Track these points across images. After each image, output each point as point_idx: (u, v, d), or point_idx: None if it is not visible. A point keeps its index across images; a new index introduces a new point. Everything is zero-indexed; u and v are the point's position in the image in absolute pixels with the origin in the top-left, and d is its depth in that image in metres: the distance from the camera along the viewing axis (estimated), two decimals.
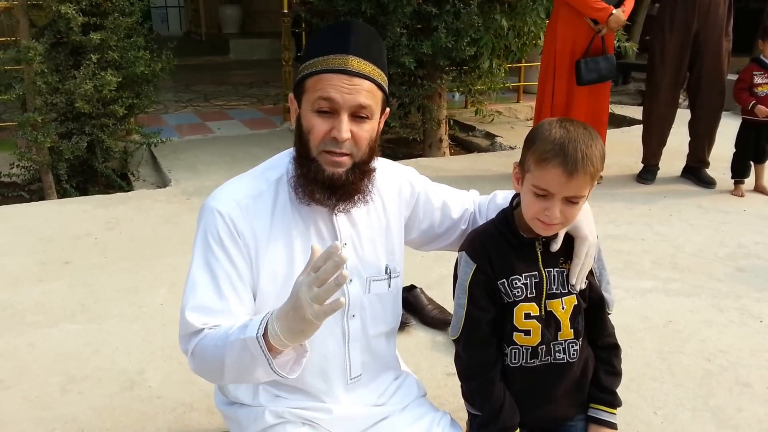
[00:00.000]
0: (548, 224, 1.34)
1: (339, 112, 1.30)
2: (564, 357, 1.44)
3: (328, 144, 1.32)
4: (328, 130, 1.31)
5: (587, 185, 1.31)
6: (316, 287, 1.09)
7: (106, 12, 4.66)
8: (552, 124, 1.34)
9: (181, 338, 1.36)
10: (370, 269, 1.47)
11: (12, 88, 4.49)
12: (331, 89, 1.29)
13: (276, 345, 1.17)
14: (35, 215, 4.06)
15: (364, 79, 1.31)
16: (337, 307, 1.10)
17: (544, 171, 1.30)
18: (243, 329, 1.22)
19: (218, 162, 5.21)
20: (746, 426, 2.18)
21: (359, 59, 1.31)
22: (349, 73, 1.30)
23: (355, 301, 1.46)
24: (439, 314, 2.79)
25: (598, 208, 4.03)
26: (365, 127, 1.34)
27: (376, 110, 1.36)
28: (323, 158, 1.33)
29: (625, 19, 4.23)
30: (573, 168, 1.27)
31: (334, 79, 1.29)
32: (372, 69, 1.33)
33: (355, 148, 1.34)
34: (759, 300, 3.02)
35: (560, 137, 1.29)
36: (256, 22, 12.93)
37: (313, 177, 1.34)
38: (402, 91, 5.18)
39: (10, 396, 2.33)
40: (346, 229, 1.44)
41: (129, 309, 2.93)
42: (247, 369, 1.23)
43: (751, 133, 4.39)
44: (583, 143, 1.29)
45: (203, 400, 2.27)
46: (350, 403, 1.51)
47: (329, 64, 1.31)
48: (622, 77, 8.78)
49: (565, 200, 1.31)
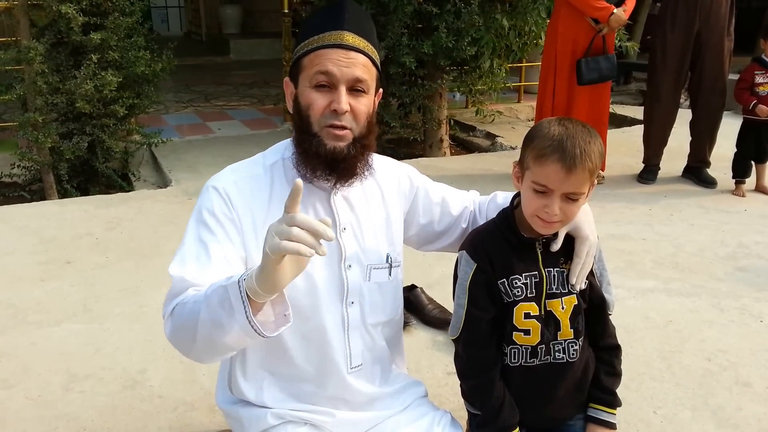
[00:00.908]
0: (548, 222, 1.34)
1: (337, 85, 1.32)
2: (563, 356, 1.44)
3: (328, 118, 1.33)
4: (327, 104, 1.33)
5: (586, 182, 1.32)
6: (286, 224, 1.07)
7: (107, 12, 4.67)
8: (551, 122, 1.36)
9: (164, 305, 1.33)
10: (371, 257, 1.48)
11: (13, 89, 4.50)
12: (329, 63, 1.31)
13: (252, 296, 1.13)
14: (36, 215, 4.07)
15: (359, 53, 1.34)
16: (298, 242, 1.05)
17: (542, 167, 1.31)
18: (225, 280, 1.19)
19: (219, 162, 5.20)
20: (746, 425, 2.19)
21: (354, 35, 1.34)
22: (345, 47, 1.32)
23: (354, 288, 1.46)
24: (440, 314, 2.79)
25: (600, 208, 4.03)
26: (363, 101, 1.35)
27: (372, 85, 1.38)
28: (325, 133, 1.34)
29: (626, 19, 4.23)
30: (571, 163, 1.28)
31: (330, 54, 1.32)
32: (366, 44, 1.36)
33: (354, 123, 1.35)
34: (759, 300, 3.02)
35: (558, 134, 1.31)
36: (256, 22, 12.93)
37: (315, 152, 1.35)
38: (403, 91, 5.18)
39: (13, 395, 2.34)
40: (345, 214, 1.45)
41: (130, 309, 2.93)
42: (221, 327, 1.17)
43: (752, 132, 4.40)
44: (582, 139, 1.30)
45: (204, 399, 2.28)
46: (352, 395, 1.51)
47: (325, 40, 1.33)
48: (623, 77, 8.78)
49: (565, 197, 1.32)
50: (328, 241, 1.08)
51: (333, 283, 1.44)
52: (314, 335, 1.44)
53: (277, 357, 1.46)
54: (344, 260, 1.44)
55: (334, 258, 1.43)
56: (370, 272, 1.48)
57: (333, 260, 1.43)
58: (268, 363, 1.47)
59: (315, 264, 1.41)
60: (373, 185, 1.50)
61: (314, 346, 1.45)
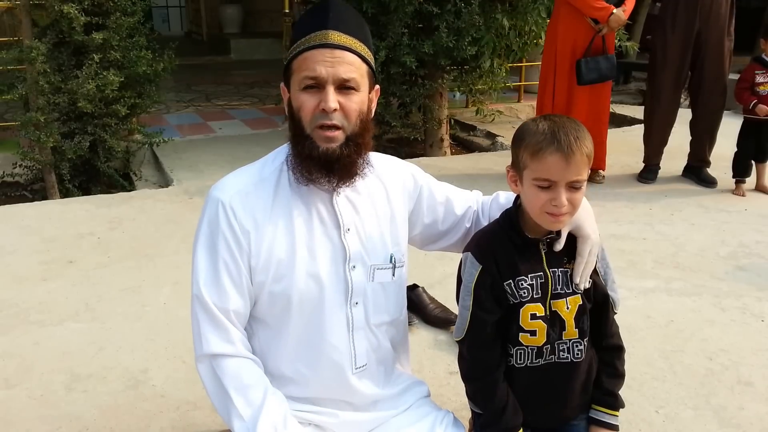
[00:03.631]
0: (557, 215, 1.34)
1: (324, 85, 1.33)
2: (568, 356, 1.44)
3: (318, 118, 1.34)
4: (316, 104, 1.34)
5: (585, 167, 1.33)
6: None
7: (108, 12, 4.67)
8: (535, 120, 1.38)
9: (200, 331, 1.41)
10: (375, 257, 1.48)
11: (15, 88, 4.51)
12: (315, 64, 1.32)
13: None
14: (38, 215, 4.07)
15: (345, 51, 1.34)
16: None
17: (542, 161, 1.32)
18: None
19: (220, 161, 5.22)
20: (748, 425, 2.19)
21: (339, 33, 1.34)
22: (329, 46, 1.33)
23: (358, 288, 1.46)
24: (441, 313, 2.80)
25: (600, 208, 4.04)
26: (353, 98, 1.36)
27: (362, 82, 1.38)
28: (316, 134, 1.35)
29: (626, 19, 4.24)
30: (569, 151, 1.30)
31: (316, 55, 1.33)
32: (353, 41, 1.36)
33: (345, 121, 1.36)
34: (760, 299, 3.03)
35: (548, 127, 1.33)
36: (257, 22, 12.93)
37: (308, 154, 1.36)
38: (403, 91, 5.18)
39: (15, 394, 2.34)
40: (348, 215, 1.45)
41: (132, 308, 2.94)
42: None
43: (752, 132, 4.40)
44: (572, 128, 1.33)
45: (207, 399, 2.24)
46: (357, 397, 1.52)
47: (310, 41, 1.34)
48: (623, 77, 8.78)
49: (568, 186, 1.32)
50: None
51: (337, 284, 1.44)
52: (318, 336, 1.45)
53: (281, 358, 1.47)
54: (348, 261, 1.44)
55: (338, 259, 1.43)
56: (373, 273, 1.48)
57: (337, 261, 1.43)
58: (271, 364, 1.47)
59: (319, 265, 1.42)
60: (377, 184, 1.50)
61: (318, 347, 1.45)
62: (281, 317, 1.44)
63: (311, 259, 1.41)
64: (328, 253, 1.43)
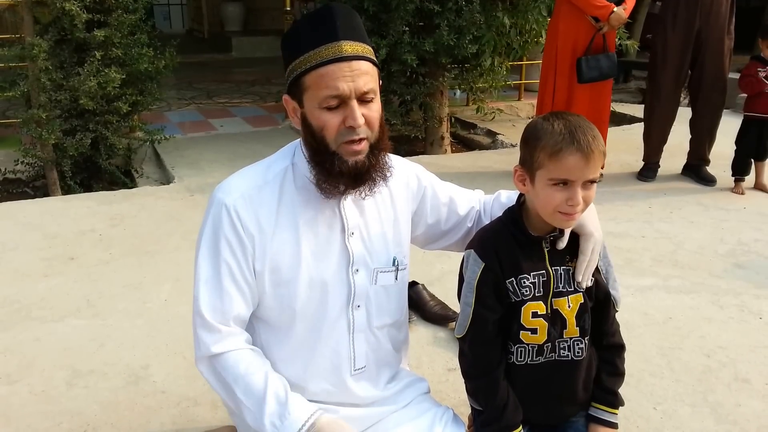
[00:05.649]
0: (571, 214, 1.34)
1: (347, 101, 1.30)
2: (569, 354, 1.45)
3: (344, 134, 1.32)
4: (341, 121, 1.31)
5: (600, 164, 1.34)
6: None
7: (110, 9, 4.69)
8: (549, 119, 1.36)
9: (200, 334, 1.42)
10: (377, 260, 1.48)
11: (16, 85, 4.52)
12: (336, 82, 1.28)
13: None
14: (40, 211, 4.09)
15: (361, 61, 1.31)
16: None
17: (561, 162, 1.31)
18: (281, 417, 1.35)
19: (221, 159, 5.24)
20: (745, 421, 2.20)
21: (350, 42, 1.30)
22: (346, 59, 1.29)
23: (361, 292, 1.47)
24: (441, 310, 2.81)
25: (599, 206, 3.99)
26: (374, 107, 1.34)
27: (377, 89, 1.36)
28: (343, 150, 1.33)
29: (627, 17, 4.24)
30: (589, 150, 1.30)
31: (335, 71, 1.28)
32: (364, 48, 1.33)
33: (369, 131, 1.34)
34: (758, 297, 3.04)
35: (564, 127, 1.32)
36: (258, 20, 12.92)
37: (338, 171, 1.34)
38: (404, 89, 5.19)
39: (17, 390, 2.35)
40: (353, 218, 1.45)
41: (133, 304, 2.95)
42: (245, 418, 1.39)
43: (752, 130, 4.40)
44: (587, 126, 1.33)
45: (207, 395, 2.29)
46: (355, 398, 1.53)
47: (324, 55, 1.29)
48: (623, 75, 8.78)
49: (584, 184, 1.33)
50: None
51: (340, 287, 1.45)
52: (319, 338, 1.46)
53: (281, 357, 1.48)
54: (352, 264, 1.44)
55: (341, 262, 1.44)
56: (376, 276, 1.49)
57: (341, 265, 1.44)
58: (271, 362, 1.48)
59: (323, 269, 1.42)
60: (382, 186, 1.49)
61: (318, 348, 1.46)
62: (283, 319, 1.45)
63: (315, 263, 1.42)
64: (332, 257, 1.43)
